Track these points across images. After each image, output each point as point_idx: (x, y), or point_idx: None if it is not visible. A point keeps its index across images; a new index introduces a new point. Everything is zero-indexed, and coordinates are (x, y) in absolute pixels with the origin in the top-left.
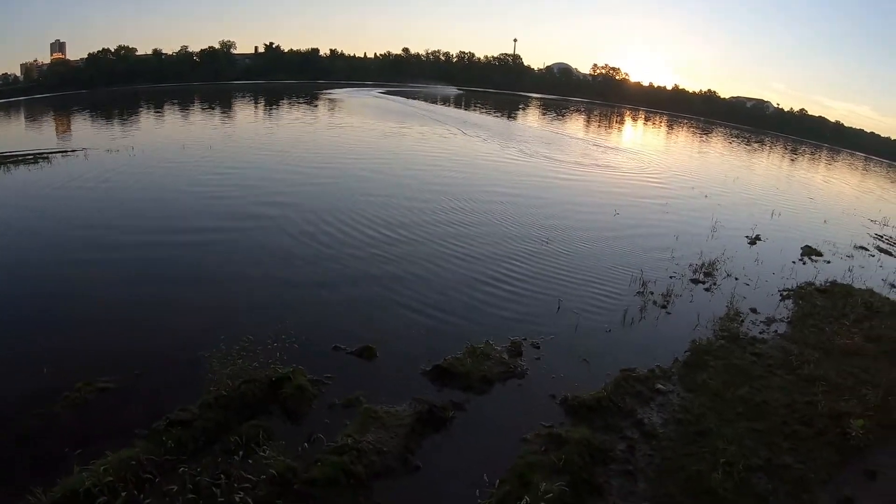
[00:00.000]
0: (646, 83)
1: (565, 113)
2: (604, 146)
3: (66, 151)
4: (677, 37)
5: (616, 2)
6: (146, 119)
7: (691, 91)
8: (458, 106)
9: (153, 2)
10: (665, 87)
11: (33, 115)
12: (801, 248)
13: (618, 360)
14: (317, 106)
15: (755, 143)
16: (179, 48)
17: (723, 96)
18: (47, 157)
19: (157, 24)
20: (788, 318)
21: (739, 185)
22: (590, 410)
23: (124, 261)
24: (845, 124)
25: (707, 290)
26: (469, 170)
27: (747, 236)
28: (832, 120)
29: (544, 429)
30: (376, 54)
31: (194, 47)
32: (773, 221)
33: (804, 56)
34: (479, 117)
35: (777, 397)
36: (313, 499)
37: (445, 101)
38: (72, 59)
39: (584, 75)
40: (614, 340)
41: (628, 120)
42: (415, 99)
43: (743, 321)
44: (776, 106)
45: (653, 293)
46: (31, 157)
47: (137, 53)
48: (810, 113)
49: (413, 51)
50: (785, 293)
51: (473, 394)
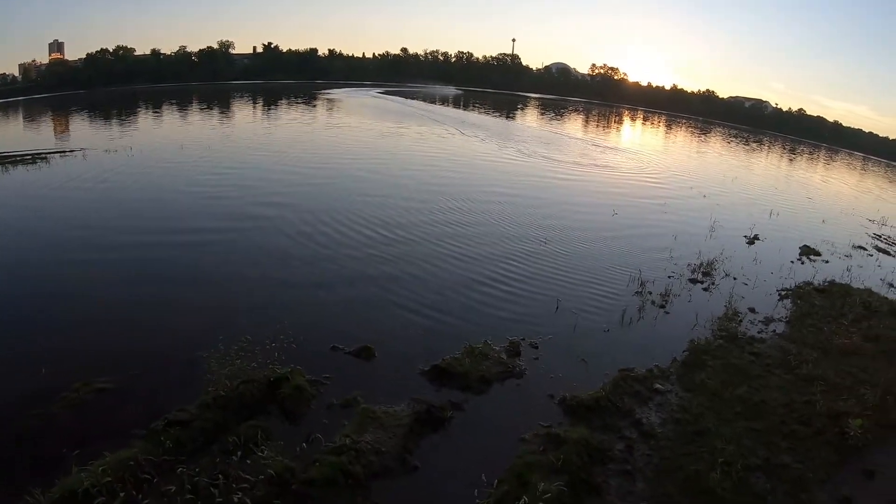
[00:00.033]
0: (644, 83)
1: (564, 113)
2: (602, 146)
3: (64, 152)
4: (676, 37)
5: (615, 2)
6: (144, 119)
7: (690, 91)
8: (457, 106)
9: (152, 2)
10: (663, 87)
11: (31, 116)
12: (800, 248)
13: (616, 360)
14: (315, 106)
15: (754, 142)
16: (178, 48)
17: (721, 96)
18: (45, 158)
19: (155, 25)
20: (787, 317)
21: (738, 184)
22: (588, 410)
23: (122, 261)
24: (844, 124)
25: (705, 289)
26: (467, 170)
27: (746, 236)
28: (830, 120)
29: (543, 429)
30: (375, 54)
31: (193, 47)
32: (772, 221)
33: (803, 56)
34: (477, 117)
35: (775, 397)
36: (311, 499)
37: (444, 101)
38: (70, 59)
39: (583, 75)
40: (613, 340)
41: (627, 120)
42: (413, 99)
43: (741, 321)
44: (774, 106)
45: (651, 293)
46: (29, 157)
47: (136, 54)
48: (809, 113)
49: (411, 51)
50: (783, 293)
51: (472, 394)
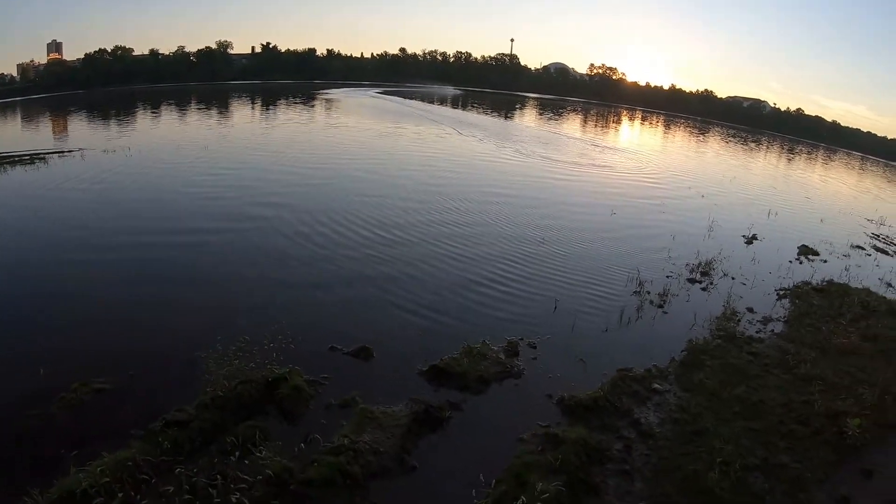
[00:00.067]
0: (643, 83)
1: (562, 113)
2: (601, 146)
3: (62, 152)
4: (674, 37)
5: (614, 2)
6: (143, 119)
7: (688, 91)
8: (455, 106)
9: (150, 2)
10: (662, 87)
11: (30, 116)
12: (798, 248)
13: (614, 360)
14: (313, 106)
15: (752, 142)
16: (176, 48)
17: (719, 96)
18: (44, 158)
19: (153, 25)
20: (785, 317)
21: (736, 184)
22: (586, 410)
23: (120, 262)
24: (842, 124)
25: (704, 289)
26: (465, 170)
27: (744, 236)
28: (829, 119)
29: (541, 428)
30: (373, 54)
31: (191, 47)
32: (770, 221)
33: (801, 56)
34: (475, 117)
35: (774, 396)
36: (310, 499)
37: (443, 101)
38: (68, 59)
39: (581, 75)
40: (611, 340)
41: (625, 120)
42: (412, 99)
43: (739, 320)
44: (773, 105)
45: (649, 293)
46: (27, 157)
47: (134, 54)
48: (807, 112)
49: (410, 51)
50: (781, 292)
51: (470, 394)
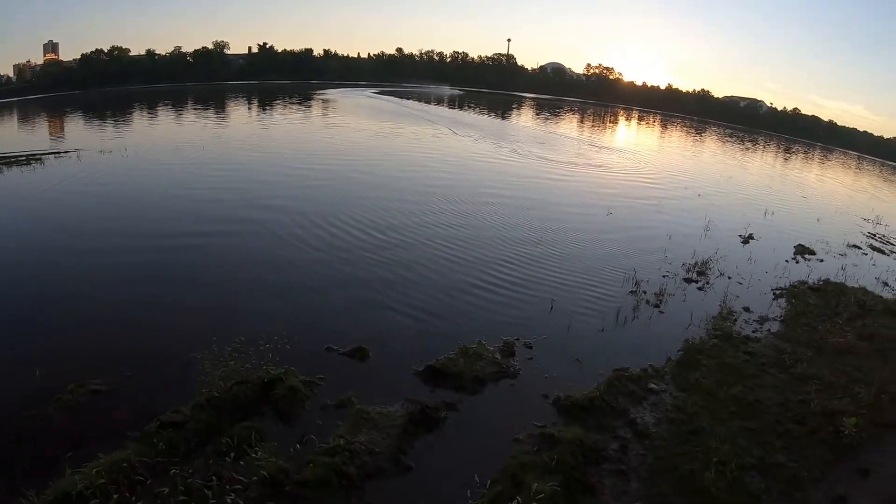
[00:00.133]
0: (639, 83)
1: (559, 113)
2: (597, 146)
3: (58, 153)
4: (671, 36)
5: (611, 2)
6: (139, 120)
7: (685, 91)
8: (452, 106)
9: (147, 3)
10: (658, 87)
11: (26, 116)
12: (795, 247)
13: (610, 360)
14: (310, 106)
15: (748, 142)
16: (173, 49)
17: (716, 96)
18: (40, 159)
19: (150, 25)
20: (781, 316)
21: (733, 184)
22: (582, 410)
23: (116, 263)
24: (838, 123)
25: (700, 289)
26: (462, 171)
27: (740, 235)
28: (825, 119)
29: (537, 429)
30: (370, 54)
31: (188, 48)
32: (767, 220)
33: (798, 55)
34: (472, 117)
35: (770, 396)
36: (305, 500)
37: (439, 101)
38: (65, 59)
39: (578, 75)
40: (607, 340)
41: (622, 119)
42: (408, 99)
43: (736, 320)
44: (769, 105)
45: (646, 292)
46: (23, 158)
47: (131, 54)
48: (803, 112)
49: (406, 51)
50: (778, 292)
51: (466, 394)
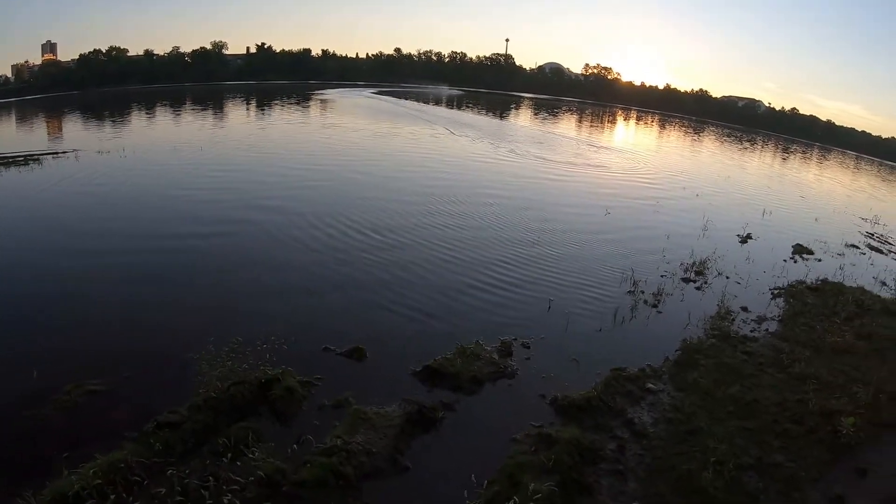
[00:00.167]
0: (638, 83)
1: (557, 113)
2: (596, 146)
3: (56, 153)
4: (669, 37)
5: (609, 2)
6: (137, 120)
7: (683, 90)
8: (450, 106)
9: (145, 3)
10: (657, 87)
11: (24, 117)
12: (793, 247)
13: (608, 360)
14: (308, 107)
15: (747, 142)
16: (171, 49)
17: (714, 96)
18: (38, 159)
19: (148, 25)
20: (779, 316)
21: (731, 184)
22: (580, 410)
23: (114, 264)
24: (836, 123)
25: (698, 288)
26: (459, 171)
27: (739, 235)
28: (823, 119)
29: (534, 429)
30: (368, 54)
31: (186, 48)
32: (765, 220)
33: (796, 55)
34: (470, 117)
35: (768, 396)
36: (302, 500)
37: (437, 101)
38: (63, 59)
39: (576, 75)
40: (605, 340)
41: (620, 119)
42: (406, 99)
43: (734, 320)
44: (767, 105)
45: (644, 292)
46: (21, 158)
47: (129, 54)
48: (802, 112)
49: (405, 51)
50: (776, 291)
51: (463, 394)
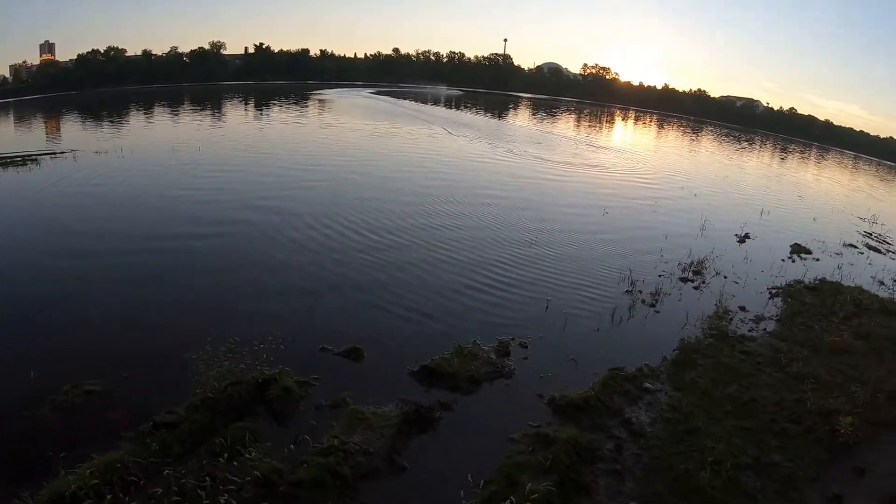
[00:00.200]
0: (636, 83)
1: (555, 112)
2: (594, 146)
3: (54, 153)
4: (668, 37)
5: (607, 2)
6: (136, 120)
7: (681, 90)
8: (448, 106)
9: (143, 3)
10: (655, 87)
11: (22, 117)
12: (791, 246)
13: (606, 360)
14: (307, 107)
15: (745, 142)
16: (169, 49)
17: (713, 95)
18: (36, 160)
19: (146, 25)
20: (777, 315)
21: (729, 183)
22: (577, 410)
23: (112, 264)
24: (835, 123)
25: (696, 288)
26: (457, 171)
27: (737, 235)
28: (822, 119)
29: (532, 428)
30: (366, 54)
31: (184, 48)
32: (763, 220)
33: (794, 55)
34: (468, 117)
35: (766, 395)
36: (299, 500)
37: (436, 101)
38: (61, 60)
39: (575, 75)
40: (603, 340)
41: (618, 119)
42: (405, 99)
43: (732, 319)
44: (766, 105)
45: (642, 292)
46: (19, 159)
47: (127, 54)
48: (800, 112)
49: (403, 51)
50: (774, 291)
51: (461, 394)
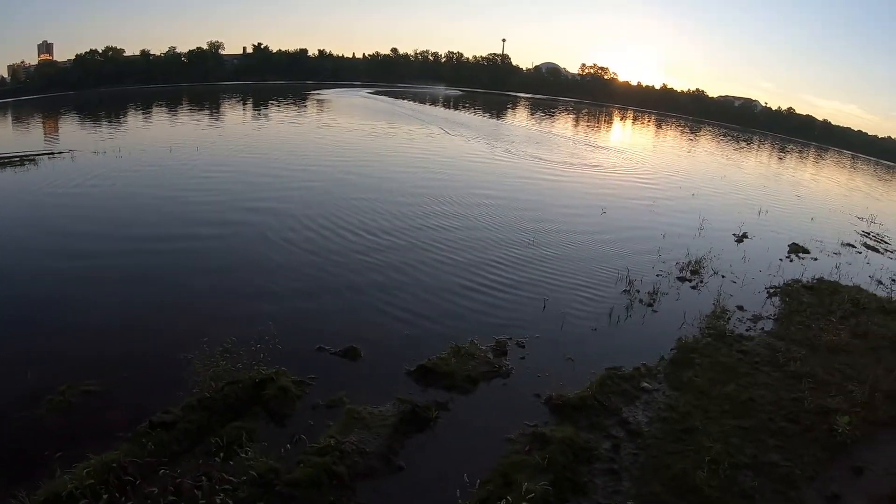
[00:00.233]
0: (634, 83)
1: (554, 112)
2: (592, 145)
3: (52, 153)
4: (666, 37)
5: (605, 2)
6: (134, 121)
7: (680, 90)
8: (447, 106)
9: (142, 3)
10: (653, 87)
11: (20, 117)
12: (789, 246)
13: (603, 359)
14: (305, 107)
15: (743, 141)
16: (167, 49)
17: (711, 95)
18: (34, 160)
19: (145, 25)
20: (775, 315)
21: (727, 183)
22: (574, 409)
23: (108, 265)
24: (833, 123)
25: (694, 287)
26: (455, 171)
27: (734, 234)
28: (820, 118)
29: (529, 428)
30: (365, 54)
31: (182, 48)
32: (761, 219)
33: (792, 55)
34: (467, 117)
35: (763, 394)
36: (296, 500)
37: (434, 101)
38: (59, 60)
39: (573, 75)
40: (600, 339)
41: (617, 119)
42: (403, 99)
43: (729, 319)
44: (764, 105)
45: (639, 291)
46: (17, 159)
47: (125, 54)
48: (798, 111)
49: (402, 51)
50: (772, 290)
51: (458, 393)
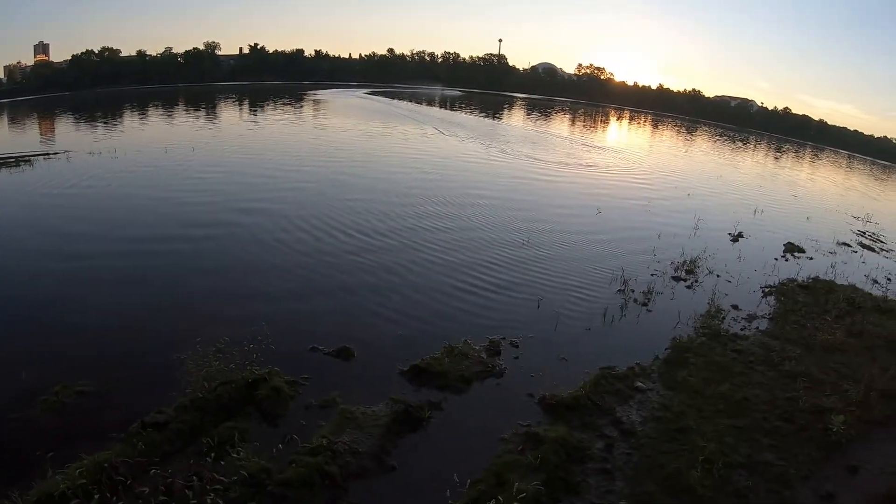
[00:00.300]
0: (631, 83)
1: (550, 113)
2: (588, 146)
3: (48, 154)
4: (663, 37)
5: (603, 2)
6: (130, 121)
7: (676, 90)
8: (443, 106)
9: (137, 3)
10: (650, 87)
11: (16, 118)
12: (784, 245)
13: (597, 359)
14: (301, 107)
15: (739, 141)
16: (164, 49)
17: (707, 95)
18: (29, 160)
19: (141, 26)
20: (770, 314)
21: (723, 183)
22: (568, 409)
23: (103, 266)
24: (829, 122)
25: (689, 287)
26: (450, 171)
27: (730, 234)
28: (816, 118)
29: (522, 428)
30: (361, 55)
31: (179, 49)
32: (757, 219)
33: (789, 55)
34: (463, 117)
35: (758, 394)
36: (287, 500)
37: (430, 101)
38: (55, 60)
39: (569, 75)
40: (594, 339)
41: (613, 119)
42: (400, 99)
43: (724, 318)
44: (760, 105)
45: (634, 291)
46: (12, 160)
47: (121, 55)
48: (794, 111)
49: (398, 51)
50: (767, 290)
51: (451, 393)
